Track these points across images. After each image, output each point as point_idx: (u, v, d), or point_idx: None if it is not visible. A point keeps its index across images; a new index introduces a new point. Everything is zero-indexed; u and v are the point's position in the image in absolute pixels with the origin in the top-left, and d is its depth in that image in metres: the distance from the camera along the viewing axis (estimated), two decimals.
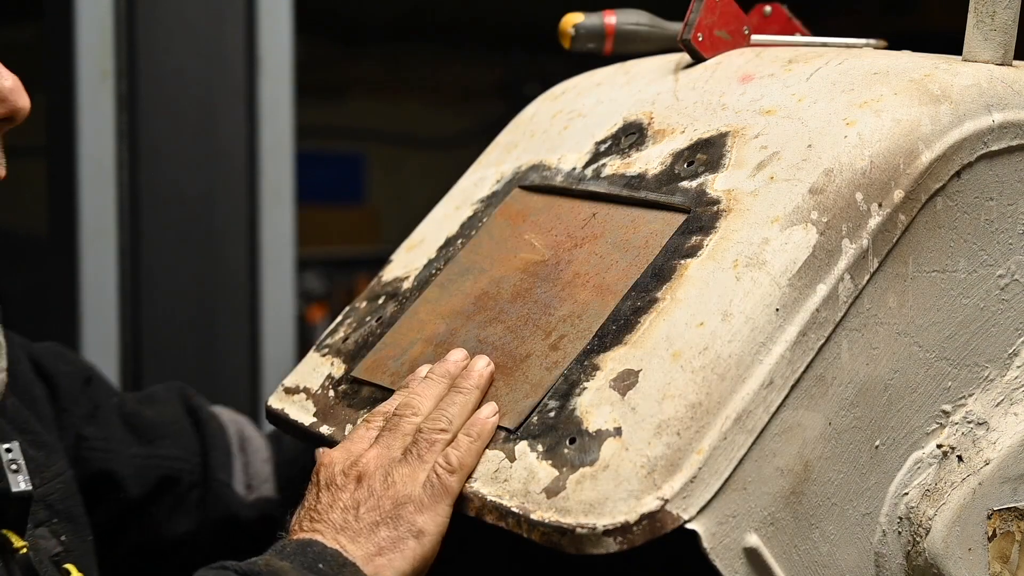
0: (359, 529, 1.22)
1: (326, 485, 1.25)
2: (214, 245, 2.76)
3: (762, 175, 1.28)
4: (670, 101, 1.45)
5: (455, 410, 1.27)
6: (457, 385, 1.29)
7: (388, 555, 1.21)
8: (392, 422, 1.28)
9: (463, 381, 1.29)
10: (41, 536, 1.36)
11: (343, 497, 1.24)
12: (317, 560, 1.19)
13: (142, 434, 1.59)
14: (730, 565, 1.17)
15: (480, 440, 1.24)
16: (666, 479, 1.14)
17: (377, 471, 1.24)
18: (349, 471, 1.25)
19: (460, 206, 1.56)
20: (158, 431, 1.61)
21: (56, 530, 1.38)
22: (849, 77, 1.33)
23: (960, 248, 1.27)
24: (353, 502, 1.23)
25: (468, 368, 1.30)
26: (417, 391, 1.30)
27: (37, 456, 1.40)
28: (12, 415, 1.41)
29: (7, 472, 1.30)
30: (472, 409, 1.27)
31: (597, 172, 1.43)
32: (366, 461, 1.25)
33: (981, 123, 1.27)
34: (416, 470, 1.24)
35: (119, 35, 2.64)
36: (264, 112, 2.77)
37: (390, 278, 1.54)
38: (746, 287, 1.21)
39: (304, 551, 1.20)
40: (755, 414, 1.17)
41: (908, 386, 1.26)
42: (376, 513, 1.22)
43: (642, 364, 1.20)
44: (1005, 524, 1.28)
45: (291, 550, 1.21)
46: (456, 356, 1.32)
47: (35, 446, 1.41)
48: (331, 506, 1.24)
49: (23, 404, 1.45)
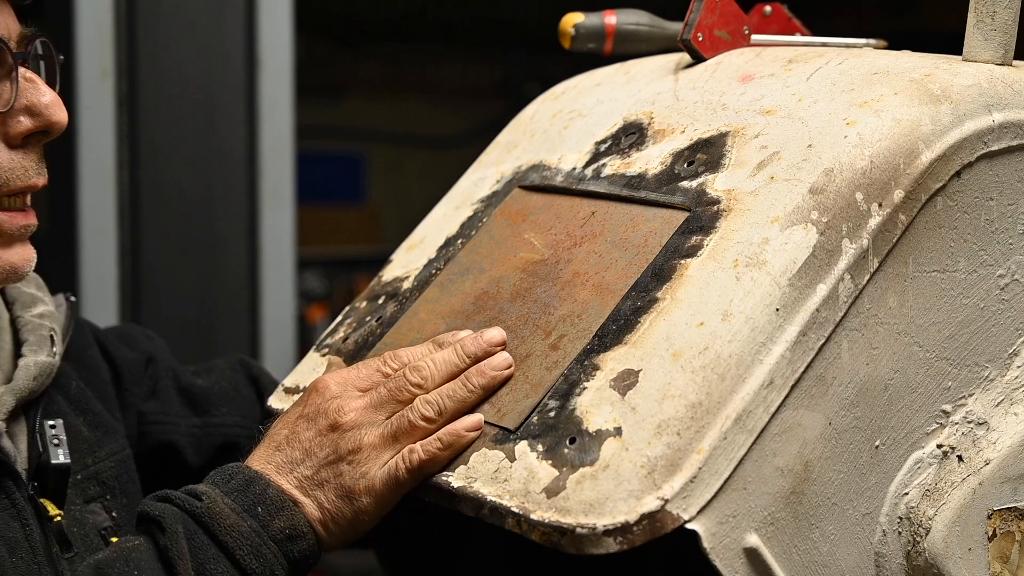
0: (310, 479, 1.28)
1: (305, 416, 1.31)
2: (214, 245, 2.76)
3: (762, 175, 1.28)
4: (670, 101, 1.45)
5: (451, 404, 1.29)
6: (467, 377, 1.30)
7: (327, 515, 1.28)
8: (396, 380, 1.31)
9: (475, 377, 1.30)
10: (92, 511, 1.44)
11: (311, 433, 1.30)
12: (257, 503, 1.26)
13: (198, 405, 1.66)
14: (730, 565, 1.16)
15: (450, 450, 1.26)
16: (666, 479, 1.14)
17: (353, 429, 1.29)
18: (330, 413, 1.30)
19: (460, 206, 1.56)
20: (213, 400, 1.67)
21: (108, 506, 1.46)
22: (849, 77, 1.33)
23: (960, 248, 1.27)
24: (317, 446, 1.29)
25: (487, 363, 1.31)
26: (436, 360, 1.32)
27: (93, 436, 1.48)
28: (76, 396, 1.50)
29: (49, 445, 1.39)
30: (468, 408, 1.29)
31: (597, 172, 1.43)
32: (349, 414, 1.29)
33: (981, 123, 1.27)
34: (384, 448, 1.28)
35: (119, 35, 2.64)
36: (264, 112, 2.77)
37: (390, 278, 1.54)
38: (746, 287, 1.21)
39: (247, 488, 1.27)
40: (755, 414, 1.17)
41: (908, 386, 1.26)
42: (330, 471, 1.28)
43: (642, 364, 1.20)
44: (1005, 524, 1.28)
45: (236, 484, 1.28)
46: (492, 338, 1.33)
47: (92, 426, 1.49)
48: (298, 439, 1.30)
49: (90, 386, 1.53)
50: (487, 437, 1.25)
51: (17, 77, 1.31)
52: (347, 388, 1.32)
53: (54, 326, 1.47)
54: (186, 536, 1.24)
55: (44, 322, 1.46)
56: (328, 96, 5.57)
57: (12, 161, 1.31)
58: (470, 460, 1.24)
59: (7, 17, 1.32)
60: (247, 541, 1.24)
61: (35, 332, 1.45)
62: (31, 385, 1.40)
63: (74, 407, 1.48)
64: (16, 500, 1.33)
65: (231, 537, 1.24)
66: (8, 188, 1.31)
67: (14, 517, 1.32)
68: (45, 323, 1.46)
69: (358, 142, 5.90)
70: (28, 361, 1.41)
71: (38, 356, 1.42)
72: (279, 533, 1.26)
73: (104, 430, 1.51)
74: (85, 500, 1.44)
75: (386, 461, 1.27)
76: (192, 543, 1.24)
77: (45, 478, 1.38)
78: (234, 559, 1.24)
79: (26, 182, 1.33)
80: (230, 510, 1.25)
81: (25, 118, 1.32)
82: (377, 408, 1.30)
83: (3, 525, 1.31)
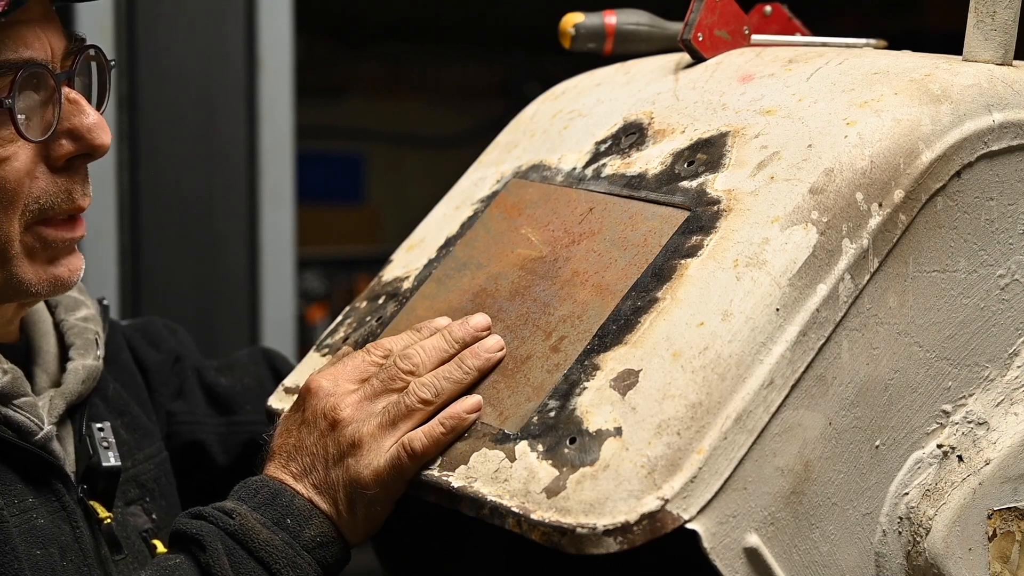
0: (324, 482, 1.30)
1: (305, 420, 1.32)
2: (214, 245, 2.76)
3: (762, 175, 1.28)
4: (670, 101, 1.45)
5: (447, 385, 1.29)
6: (462, 358, 1.31)
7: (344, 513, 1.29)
8: (388, 370, 1.32)
9: (469, 358, 1.31)
10: (132, 513, 1.45)
11: (314, 437, 1.31)
12: (285, 515, 1.28)
13: (223, 404, 1.67)
14: (730, 565, 1.16)
15: (453, 433, 1.27)
16: (666, 479, 1.14)
17: (350, 424, 1.30)
18: (328, 413, 1.31)
19: (460, 206, 1.56)
20: (238, 399, 1.68)
21: (148, 508, 1.47)
22: (849, 77, 1.33)
23: (960, 248, 1.27)
24: (322, 448, 1.30)
25: (479, 345, 1.32)
26: (425, 346, 1.33)
27: (131, 439, 1.50)
28: (113, 399, 1.51)
29: (99, 448, 1.40)
30: (463, 389, 1.29)
31: (597, 172, 1.43)
32: (345, 409, 1.30)
33: (981, 123, 1.27)
34: (384, 435, 1.28)
35: (119, 35, 2.64)
36: (264, 112, 2.77)
37: (390, 278, 1.54)
38: (746, 287, 1.21)
39: (274, 502, 1.29)
40: (755, 414, 1.17)
41: (908, 386, 1.26)
42: (339, 470, 1.29)
43: (642, 364, 1.20)
44: (1005, 524, 1.28)
45: (262, 498, 1.30)
46: (479, 323, 1.34)
47: (130, 429, 1.51)
48: (303, 445, 1.31)
49: (126, 389, 1.55)
50: (487, 437, 1.25)
51: (60, 99, 1.30)
52: (339, 383, 1.33)
53: (98, 329, 1.48)
54: (226, 553, 1.26)
55: (89, 325, 1.47)
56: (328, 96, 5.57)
57: (56, 185, 1.31)
58: (470, 460, 1.24)
59: (51, 34, 1.30)
60: (282, 554, 1.26)
61: (81, 336, 1.46)
62: (79, 389, 1.41)
63: (112, 410, 1.49)
64: (66, 503, 1.34)
65: (266, 552, 1.26)
66: (54, 211, 1.31)
67: (64, 520, 1.33)
68: (90, 327, 1.47)
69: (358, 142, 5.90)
70: (77, 364, 1.42)
71: (86, 360, 1.44)
72: (311, 542, 1.28)
73: (142, 432, 1.52)
74: (126, 503, 1.45)
75: (388, 448, 1.28)
76: (232, 559, 1.26)
77: (94, 480, 1.39)
78: (272, 572, 1.26)
79: (71, 205, 1.32)
80: (261, 525, 1.27)
81: (67, 141, 1.31)
82: (372, 399, 1.31)
83: (54, 528, 1.32)
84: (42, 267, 1.32)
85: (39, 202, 1.30)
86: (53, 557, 1.30)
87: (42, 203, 1.30)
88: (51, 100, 1.30)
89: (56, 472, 1.34)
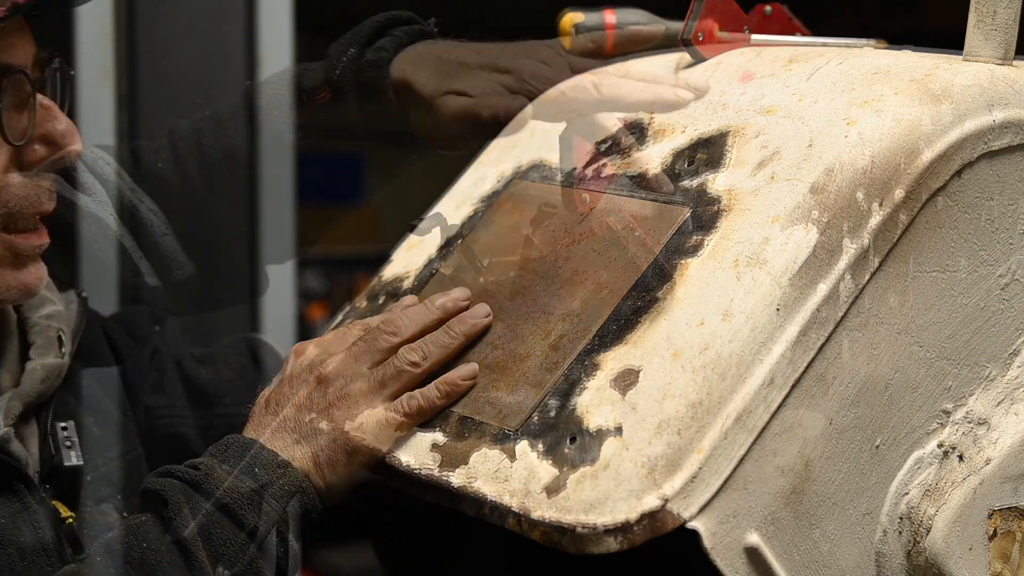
0: (305, 432, 1.30)
1: (290, 378, 1.33)
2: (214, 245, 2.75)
3: (763, 174, 1.28)
4: None
5: (435, 349, 1.31)
6: (449, 325, 1.32)
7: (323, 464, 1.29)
8: (371, 334, 1.33)
9: (456, 324, 1.32)
10: (103, 512, 1.44)
11: (300, 393, 1.31)
12: (253, 464, 1.28)
13: (202, 396, 1.66)
14: (731, 564, 1.16)
15: (447, 399, 1.28)
16: (667, 478, 1.14)
17: (338, 379, 1.30)
18: (313, 369, 1.32)
19: (460, 205, 1.56)
20: (218, 390, 1.67)
21: (119, 507, 1.46)
22: (850, 76, 1.33)
23: (961, 247, 1.27)
24: (308, 401, 1.30)
25: (466, 312, 1.33)
26: (406, 313, 1.34)
27: (103, 436, 1.49)
28: (87, 395, 1.50)
29: (61, 447, 1.39)
30: (452, 354, 1.31)
31: (597, 171, 1.43)
32: (331, 365, 1.31)
33: (982, 122, 1.27)
34: (374, 395, 1.29)
35: (119, 35, 2.64)
36: None
37: (390, 277, 1.54)
38: (747, 286, 1.21)
39: (243, 454, 1.29)
40: (756, 413, 1.17)
41: (909, 385, 1.26)
42: (322, 419, 1.30)
43: (642, 363, 1.20)
44: (1006, 523, 1.28)
45: (232, 452, 1.30)
46: (458, 294, 1.35)
47: (103, 425, 1.50)
48: (287, 399, 1.32)
49: (101, 385, 1.54)
50: (487, 436, 1.25)
51: (35, 105, 1.31)
52: (323, 349, 1.34)
53: (62, 326, 1.46)
54: (188, 504, 1.25)
55: (52, 323, 1.46)
56: None
57: (26, 188, 1.32)
58: (470, 459, 1.24)
59: (26, 42, 1.32)
60: (247, 500, 1.26)
61: (42, 334, 1.44)
62: (39, 388, 1.40)
63: (85, 407, 1.48)
64: (28, 504, 1.33)
65: (231, 499, 1.26)
66: (22, 214, 1.32)
67: (25, 521, 1.32)
68: (53, 324, 1.46)
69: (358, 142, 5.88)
70: (35, 364, 1.41)
71: (45, 359, 1.42)
72: (279, 490, 1.28)
73: (115, 430, 1.51)
74: (96, 501, 1.44)
75: (378, 405, 1.29)
76: (195, 510, 1.25)
77: (58, 480, 1.38)
78: (236, 519, 1.25)
79: (38, 208, 1.34)
80: (227, 475, 1.27)
81: (40, 147, 1.33)
82: (358, 359, 1.32)
83: (14, 529, 1.31)
84: (11, 274, 1.33)
85: (7, 206, 1.31)
86: (12, 558, 1.29)
87: (11, 207, 1.31)
88: (26, 105, 1.31)
89: (16, 473, 1.33)
